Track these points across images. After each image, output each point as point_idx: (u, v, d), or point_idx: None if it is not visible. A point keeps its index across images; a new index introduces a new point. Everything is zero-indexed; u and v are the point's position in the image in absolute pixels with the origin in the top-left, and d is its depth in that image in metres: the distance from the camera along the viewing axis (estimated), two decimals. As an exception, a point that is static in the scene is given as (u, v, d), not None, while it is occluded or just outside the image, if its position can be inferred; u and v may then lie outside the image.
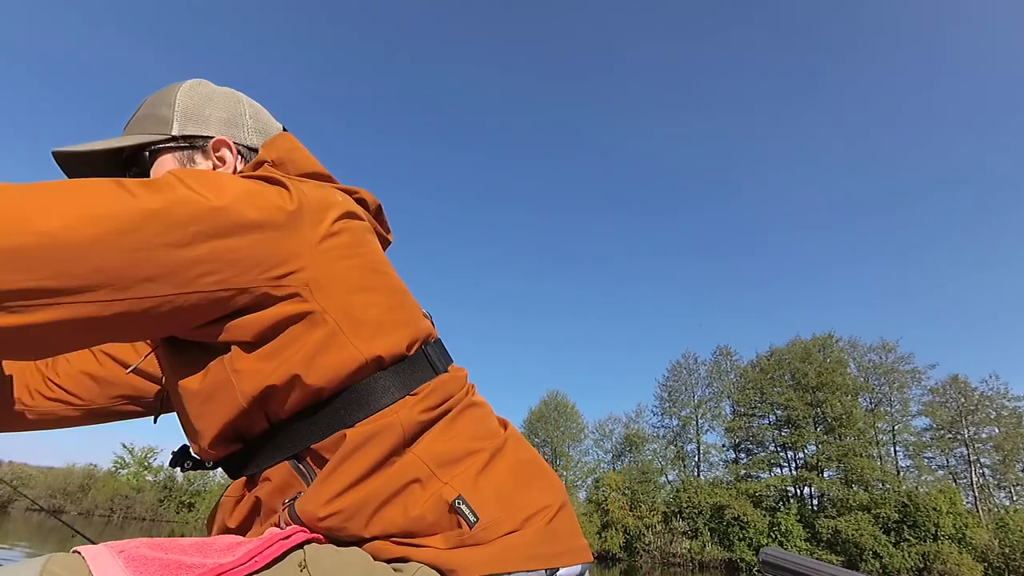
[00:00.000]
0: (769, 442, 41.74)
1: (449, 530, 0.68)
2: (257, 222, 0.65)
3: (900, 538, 32.73)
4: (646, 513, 38.11)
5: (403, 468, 0.69)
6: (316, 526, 0.67)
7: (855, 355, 41.42)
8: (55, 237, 0.54)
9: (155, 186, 0.61)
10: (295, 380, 0.68)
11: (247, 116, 0.93)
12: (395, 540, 0.68)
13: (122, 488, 48.08)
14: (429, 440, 0.72)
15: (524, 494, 0.73)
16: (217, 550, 0.61)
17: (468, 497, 0.69)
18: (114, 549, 0.56)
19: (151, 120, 0.87)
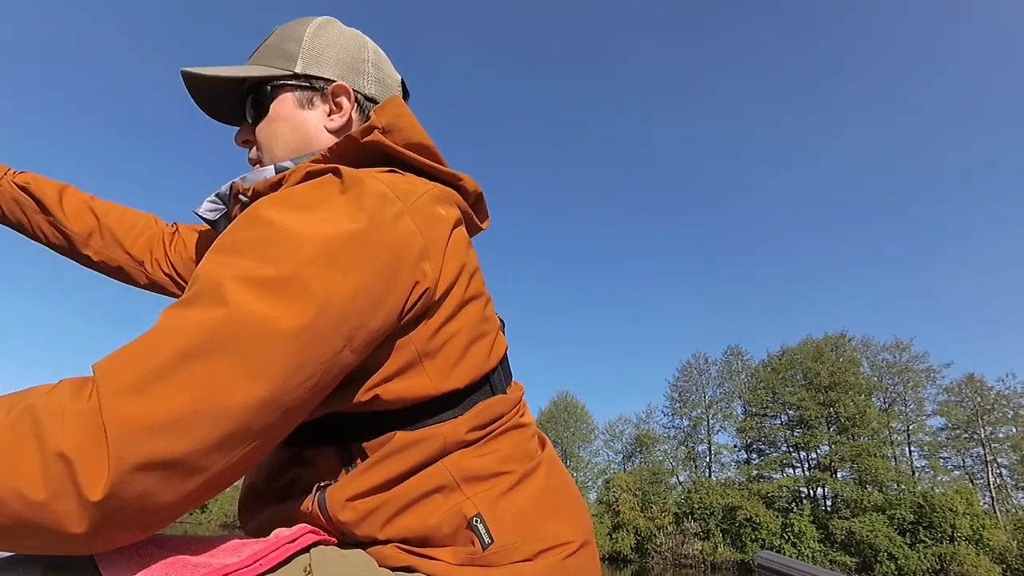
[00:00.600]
0: (781, 442, 41.40)
1: (462, 546, 0.67)
2: (384, 291, 0.61)
3: (916, 540, 32.31)
4: (657, 514, 37.91)
5: (430, 476, 0.68)
6: (337, 516, 0.66)
7: (868, 354, 41.03)
8: (247, 411, 0.51)
9: (293, 293, 0.55)
10: (368, 392, 0.66)
11: (369, 64, 0.90)
12: (406, 548, 0.67)
13: (136, 489, 48.53)
14: (462, 454, 0.70)
15: (546, 524, 0.71)
16: (223, 550, 0.61)
17: (487, 517, 0.67)
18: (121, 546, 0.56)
19: (278, 53, 0.86)
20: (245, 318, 0.52)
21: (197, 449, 0.49)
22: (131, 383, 0.47)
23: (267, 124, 0.84)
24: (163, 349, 0.49)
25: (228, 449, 0.51)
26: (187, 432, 0.48)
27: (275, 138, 0.84)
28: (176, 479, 0.49)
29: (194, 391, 0.49)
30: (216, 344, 0.50)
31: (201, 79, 0.86)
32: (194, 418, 0.48)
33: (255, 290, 0.54)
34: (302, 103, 0.85)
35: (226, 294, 0.53)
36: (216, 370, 0.50)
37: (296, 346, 0.53)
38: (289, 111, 0.84)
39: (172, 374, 0.48)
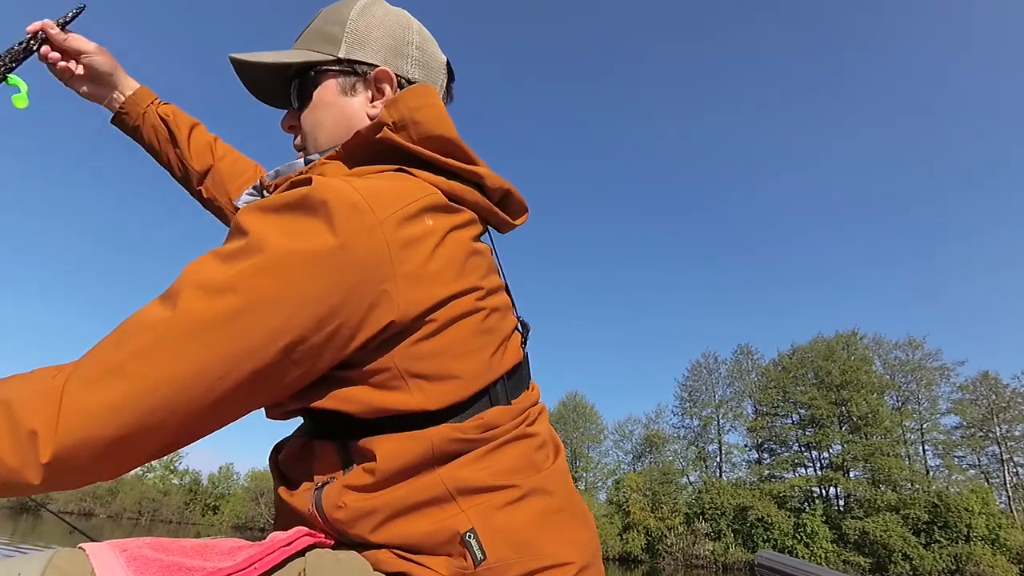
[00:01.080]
0: (793, 442, 41.14)
1: (455, 559, 0.65)
2: (335, 306, 0.61)
3: (931, 539, 31.96)
4: (668, 514, 37.72)
5: (426, 485, 0.66)
6: (331, 515, 0.66)
7: (880, 352, 40.71)
8: (170, 401, 0.57)
9: (230, 297, 0.58)
10: (352, 403, 0.67)
11: (413, 46, 0.88)
12: (400, 553, 0.66)
13: (149, 491, 48.96)
14: (459, 465, 0.68)
15: (545, 543, 0.67)
16: (218, 554, 0.61)
17: (480, 532, 0.65)
18: (117, 547, 0.57)
19: (321, 37, 0.85)
20: (187, 321, 0.57)
21: (123, 433, 0.55)
22: (86, 374, 0.56)
23: (311, 111, 0.84)
24: (121, 345, 0.57)
25: (155, 433, 0.57)
26: (116, 418, 0.55)
27: (318, 125, 0.83)
28: (109, 453, 0.56)
29: (131, 384, 0.55)
30: (159, 345, 0.56)
31: (246, 65, 0.86)
32: (124, 407, 0.55)
33: (203, 294, 0.58)
34: (345, 89, 0.83)
35: (180, 300, 0.58)
36: (151, 365, 0.56)
37: (225, 352, 0.57)
38: (332, 98, 0.83)
39: (119, 368, 0.55)
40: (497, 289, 0.77)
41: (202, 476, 51.47)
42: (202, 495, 49.40)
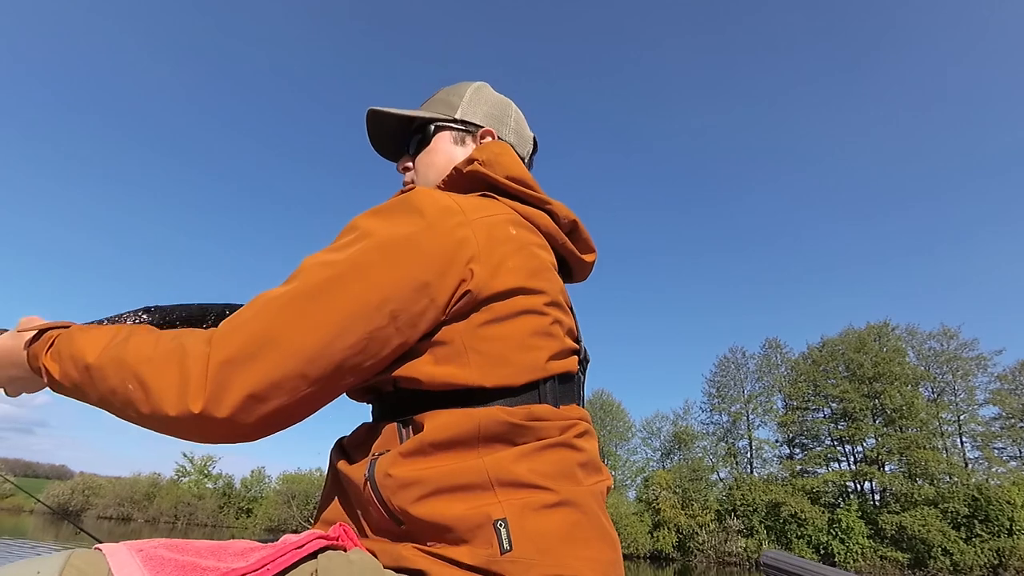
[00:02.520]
0: (825, 436, 40.29)
1: (480, 547, 0.68)
2: (425, 281, 0.73)
3: (971, 534, 31.10)
4: (698, 512, 37.31)
5: (470, 469, 0.71)
6: (380, 483, 0.71)
7: (914, 343, 39.57)
8: (303, 360, 0.69)
9: (347, 270, 0.72)
10: (418, 372, 0.76)
11: (512, 119, 1.14)
12: (423, 549, 0.69)
13: (184, 495, 49.90)
14: (502, 456, 0.73)
15: (568, 555, 0.71)
16: (231, 555, 0.63)
17: (512, 524, 0.69)
18: (133, 548, 0.59)
19: (443, 104, 1.09)
20: (308, 287, 0.70)
21: (265, 385, 0.67)
22: (229, 336, 0.68)
23: (426, 154, 1.05)
24: (256, 313, 0.70)
25: (289, 389, 0.68)
26: (261, 373, 0.67)
27: (431, 165, 1.04)
28: (251, 406, 0.67)
29: (268, 347, 0.67)
30: (287, 308, 0.69)
31: (385, 115, 1.08)
32: (260, 366, 0.67)
33: (321, 267, 0.72)
34: (456, 140, 1.06)
35: (301, 275, 0.72)
36: (283, 328, 0.68)
37: (343, 312, 0.69)
38: (445, 145, 1.05)
39: (258, 332, 0.68)
40: (565, 310, 0.89)
41: (235, 480, 52.33)
42: (235, 499, 50.12)
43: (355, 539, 0.75)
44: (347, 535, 0.74)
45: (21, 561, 0.56)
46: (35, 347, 0.80)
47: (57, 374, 0.76)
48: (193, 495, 50.14)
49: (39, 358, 0.78)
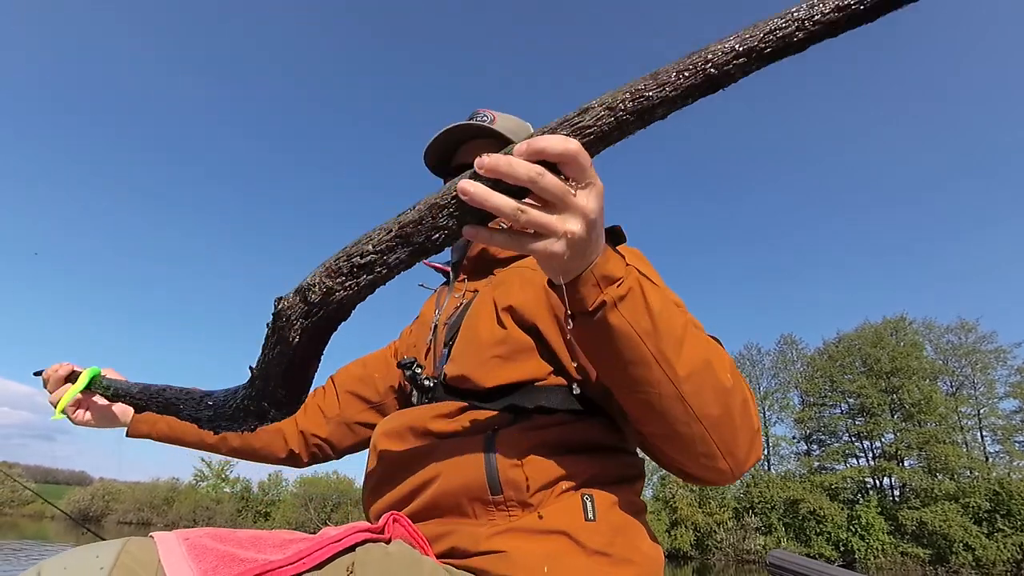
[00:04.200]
0: (843, 432, 39.98)
1: (569, 510, 0.78)
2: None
3: (993, 528, 30.73)
4: (716, 510, 37.10)
5: (581, 463, 0.84)
6: (499, 452, 0.81)
7: (931, 337, 39.21)
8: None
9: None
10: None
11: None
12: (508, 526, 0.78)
13: (203, 500, 50.37)
14: (617, 488, 0.85)
15: (633, 546, 0.80)
16: (270, 546, 0.65)
17: (598, 503, 0.80)
18: (181, 536, 0.64)
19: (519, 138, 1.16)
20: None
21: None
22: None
23: None
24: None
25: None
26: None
27: None
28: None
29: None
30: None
31: (481, 130, 1.14)
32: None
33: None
34: None
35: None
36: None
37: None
38: None
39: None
40: None
41: (252, 484, 52.74)
42: (253, 502, 50.48)
43: (407, 527, 0.79)
44: (396, 524, 0.77)
45: (83, 546, 0.61)
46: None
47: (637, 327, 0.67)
48: (211, 499, 50.60)
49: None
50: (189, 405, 0.80)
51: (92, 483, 60.21)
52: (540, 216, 0.57)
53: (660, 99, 0.55)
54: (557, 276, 0.62)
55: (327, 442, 1.26)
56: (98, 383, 1.12)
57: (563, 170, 0.56)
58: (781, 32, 0.53)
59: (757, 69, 0.55)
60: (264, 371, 0.66)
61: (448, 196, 0.57)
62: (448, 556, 0.79)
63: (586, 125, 0.56)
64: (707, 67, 0.54)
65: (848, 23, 0.52)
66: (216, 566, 0.59)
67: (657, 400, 0.69)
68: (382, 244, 0.59)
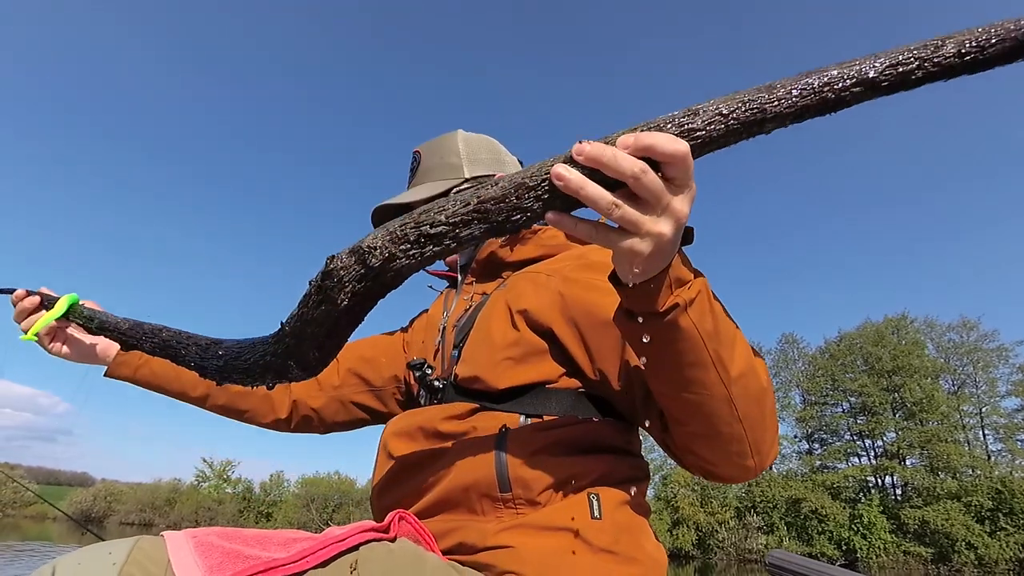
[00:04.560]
0: (844, 431, 39.90)
1: (575, 507, 0.80)
2: None
3: (996, 527, 30.64)
4: (718, 509, 37.03)
5: (582, 462, 0.85)
6: (508, 448, 0.83)
7: (933, 335, 39.09)
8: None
9: None
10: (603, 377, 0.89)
11: (505, 154, 1.22)
12: (512, 521, 0.79)
13: (204, 500, 50.34)
14: (624, 483, 0.87)
15: (637, 545, 0.82)
16: (275, 544, 0.67)
17: (603, 501, 0.81)
18: (190, 535, 0.66)
19: (445, 168, 1.15)
20: None
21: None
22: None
23: None
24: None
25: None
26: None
27: None
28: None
29: None
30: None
31: (398, 207, 1.12)
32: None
33: None
34: None
35: None
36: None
37: None
38: None
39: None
40: None
41: (254, 484, 52.73)
42: (255, 503, 50.47)
43: (413, 524, 0.80)
44: (402, 522, 0.79)
45: (96, 544, 0.63)
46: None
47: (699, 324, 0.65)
48: (213, 500, 50.57)
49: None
50: (192, 351, 0.74)
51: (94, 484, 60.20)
52: (634, 215, 0.55)
53: (774, 114, 0.53)
54: (632, 275, 0.60)
55: (318, 413, 1.24)
56: (77, 312, 1.03)
57: (666, 170, 0.54)
58: (902, 68, 0.52)
59: (870, 99, 0.54)
60: (300, 329, 0.62)
61: (539, 178, 0.55)
62: (455, 552, 0.81)
63: (695, 128, 0.54)
64: (824, 90, 0.52)
65: (964, 69, 0.52)
66: (222, 562, 0.61)
67: (708, 401, 0.68)
68: (457, 216, 0.56)
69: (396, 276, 0.59)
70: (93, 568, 0.58)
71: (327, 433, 1.29)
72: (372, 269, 0.57)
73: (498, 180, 0.57)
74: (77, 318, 1.02)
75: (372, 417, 1.26)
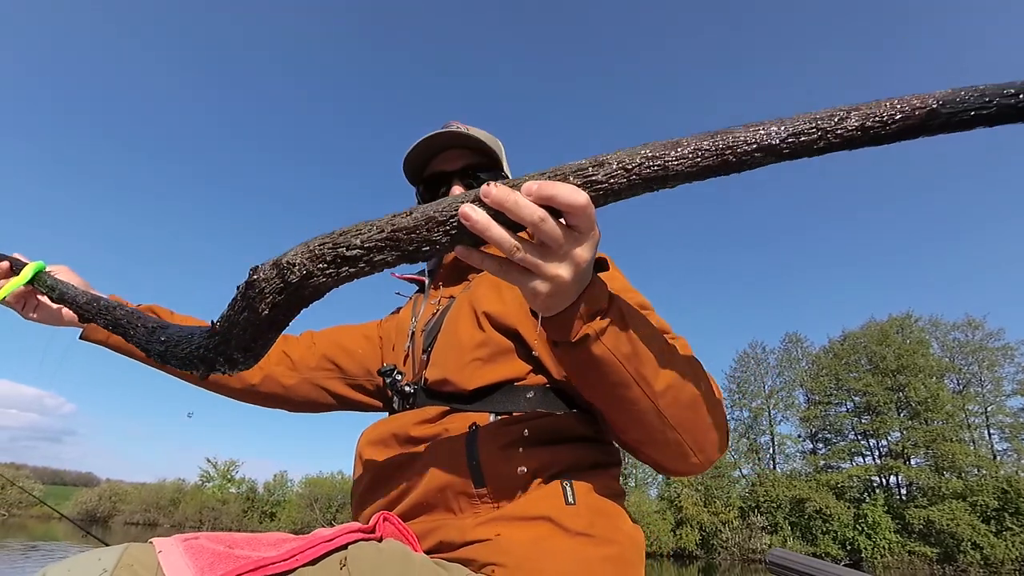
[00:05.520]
0: (848, 430, 39.82)
1: (550, 497, 0.82)
2: None
3: (1001, 527, 30.52)
4: (721, 509, 36.98)
5: (555, 452, 0.87)
6: (480, 446, 0.85)
7: (937, 334, 39.03)
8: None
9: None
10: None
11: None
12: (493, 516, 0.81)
13: (208, 500, 50.43)
14: (593, 469, 0.89)
15: (614, 526, 0.84)
16: (265, 545, 0.67)
17: (576, 489, 0.83)
18: (180, 539, 0.66)
19: (500, 152, 1.20)
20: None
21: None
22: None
23: None
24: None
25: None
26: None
27: None
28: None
29: None
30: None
31: (451, 136, 1.15)
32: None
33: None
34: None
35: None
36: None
37: None
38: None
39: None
40: None
41: (258, 484, 52.82)
42: (259, 503, 50.54)
43: (397, 525, 0.82)
44: (386, 523, 0.80)
45: (86, 551, 0.64)
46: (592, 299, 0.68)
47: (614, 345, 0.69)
48: (217, 500, 50.67)
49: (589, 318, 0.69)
50: (140, 332, 0.78)
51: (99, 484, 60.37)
52: (533, 259, 0.58)
53: (675, 172, 0.55)
54: (541, 310, 0.66)
55: (288, 392, 1.25)
56: (41, 281, 1.04)
57: (568, 219, 0.57)
58: (804, 137, 0.53)
59: (772, 163, 0.55)
60: (227, 330, 0.65)
61: (448, 214, 0.57)
62: (436, 551, 0.83)
63: (598, 180, 0.56)
64: (727, 152, 0.54)
65: (865, 142, 0.53)
66: (212, 563, 0.62)
67: (636, 414, 0.74)
68: (371, 242, 0.58)
69: (314, 292, 0.61)
70: (83, 574, 0.59)
71: (294, 412, 1.30)
72: (291, 284, 0.59)
73: (412, 210, 0.58)
74: (41, 286, 1.04)
75: (341, 404, 1.28)
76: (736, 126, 0.55)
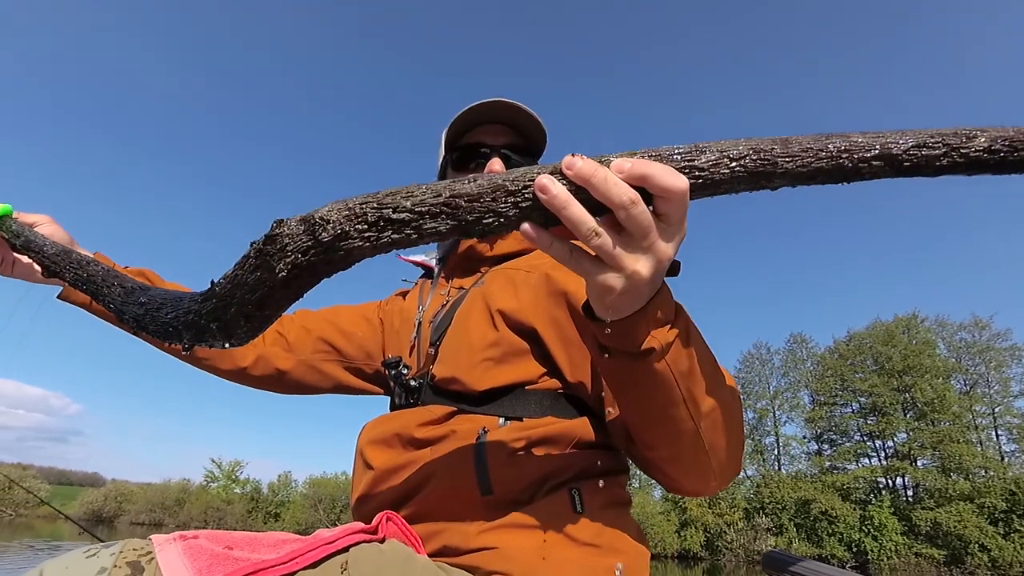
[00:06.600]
0: (854, 431, 39.49)
1: (556, 504, 0.80)
2: None
3: (1010, 529, 30.24)
4: (726, 510, 36.78)
5: (560, 459, 0.83)
6: (488, 450, 0.81)
7: (944, 335, 38.64)
8: None
9: None
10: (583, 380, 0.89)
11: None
12: (491, 523, 0.78)
13: (213, 501, 50.57)
14: (604, 473, 0.86)
15: (621, 536, 0.82)
16: (265, 546, 0.66)
17: (584, 494, 0.81)
18: (177, 537, 0.65)
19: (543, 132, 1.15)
20: None
21: None
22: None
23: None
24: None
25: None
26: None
27: None
28: None
29: None
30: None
31: (519, 111, 1.10)
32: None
33: None
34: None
35: None
36: None
37: None
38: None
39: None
40: None
41: (262, 485, 52.92)
42: (263, 503, 50.64)
43: (401, 526, 0.80)
44: (389, 523, 0.79)
45: (83, 548, 0.63)
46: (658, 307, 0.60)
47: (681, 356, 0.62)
48: (222, 500, 50.81)
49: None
50: (117, 292, 0.67)
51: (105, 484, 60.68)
52: (612, 248, 0.50)
53: (784, 170, 0.49)
54: (605, 311, 0.57)
55: (284, 375, 1.20)
56: (5, 226, 0.92)
57: (659, 205, 0.50)
58: (928, 151, 0.48)
59: (886, 177, 0.50)
60: (230, 292, 0.55)
61: (521, 183, 0.50)
62: (440, 555, 0.80)
63: (699, 166, 0.49)
64: (842, 156, 0.49)
65: (990, 166, 0.48)
66: (211, 564, 0.60)
67: (675, 434, 0.68)
68: (424, 206, 0.50)
69: (346, 256, 0.52)
70: (79, 571, 0.58)
71: (287, 394, 1.25)
72: (321, 243, 0.51)
73: (475, 177, 0.51)
74: (4, 231, 0.92)
75: (336, 388, 1.24)
76: (852, 132, 0.50)
